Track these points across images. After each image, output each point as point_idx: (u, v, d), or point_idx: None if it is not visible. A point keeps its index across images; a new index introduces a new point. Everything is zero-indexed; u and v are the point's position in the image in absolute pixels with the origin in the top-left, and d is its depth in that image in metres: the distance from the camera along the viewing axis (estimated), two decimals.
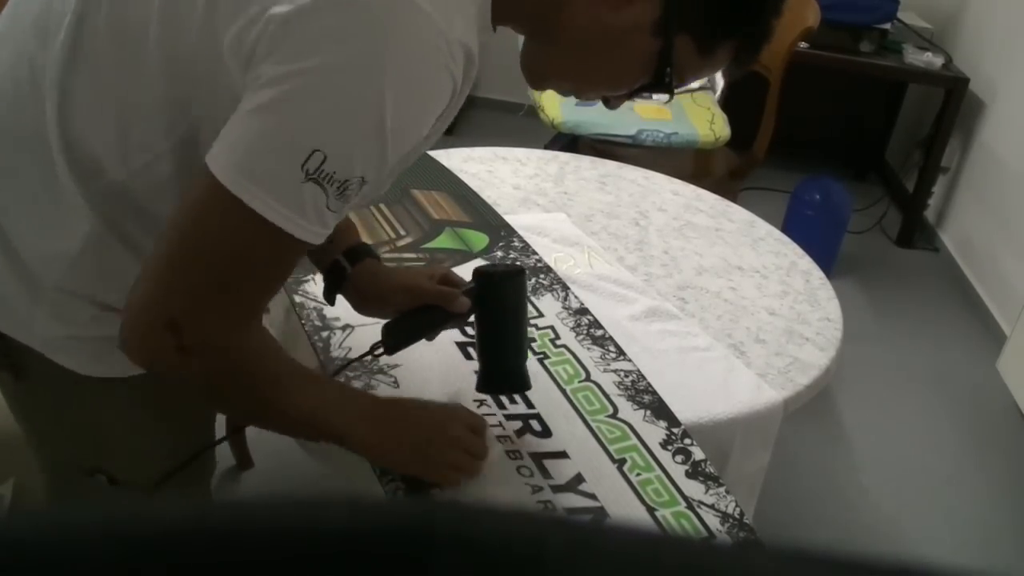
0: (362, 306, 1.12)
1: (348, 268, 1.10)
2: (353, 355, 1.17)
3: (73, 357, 0.92)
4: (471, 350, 1.20)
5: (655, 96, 0.93)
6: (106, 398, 0.95)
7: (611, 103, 0.96)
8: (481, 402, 1.12)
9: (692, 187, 1.90)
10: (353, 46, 0.73)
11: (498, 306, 1.05)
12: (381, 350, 1.06)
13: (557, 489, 1.02)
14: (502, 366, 1.05)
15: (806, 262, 1.65)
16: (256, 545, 0.22)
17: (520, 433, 1.09)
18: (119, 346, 0.79)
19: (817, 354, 1.36)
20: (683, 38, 0.84)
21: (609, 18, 0.83)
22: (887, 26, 3.36)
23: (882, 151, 4.07)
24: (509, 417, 1.11)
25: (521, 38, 0.92)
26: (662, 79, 0.87)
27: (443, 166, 1.76)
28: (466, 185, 1.69)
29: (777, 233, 1.76)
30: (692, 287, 1.50)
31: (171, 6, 0.78)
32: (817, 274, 1.61)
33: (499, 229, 1.56)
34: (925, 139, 3.49)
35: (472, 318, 1.05)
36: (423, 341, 1.09)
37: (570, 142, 2.52)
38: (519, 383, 1.07)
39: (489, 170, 1.82)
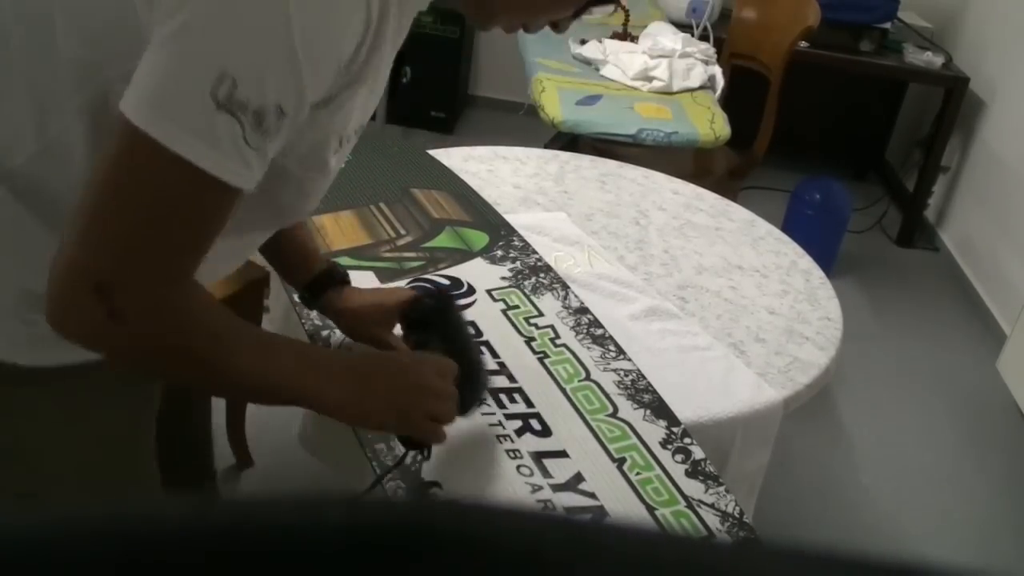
0: (348, 332, 1.17)
1: (312, 300, 1.14)
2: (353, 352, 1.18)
3: None
4: None
5: (598, 10, 0.92)
6: (32, 407, 0.89)
7: (559, 27, 0.93)
8: (480, 401, 1.12)
9: (692, 186, 1.90)
10: None
11: (440, 342, 1.04)
12: (420, 456, 1.02)
13: (557, 488, 1.02)
14: (465, 390, 0.99)
15: (806, 261, 1.65)
16: (256, 543, 0.22)
17: (520, 432, 1.09)
18: (47, 319, 0.74)
19: (817, 353, 1.36)
20: None
21: None
22: (887, 25, 3.36)
23: (882, 150, 4.07)
24: (509, 416, 1.11)
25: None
26: None
27: (443, 165, 1.76)
28: (466, 184, 1.69)
29: (777, 232, 1.76)
30: (692, 286, 1.50)
31: None
32: (817, 273, 1.61)
33: (499, 228, 1.56)
34: (925, 139, 3.49)
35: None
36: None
37: (570, 141, 2.52)
38: (478, 401, 1.05)
39: (489, 169, 1.82)
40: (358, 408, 0.89)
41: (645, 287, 1.46)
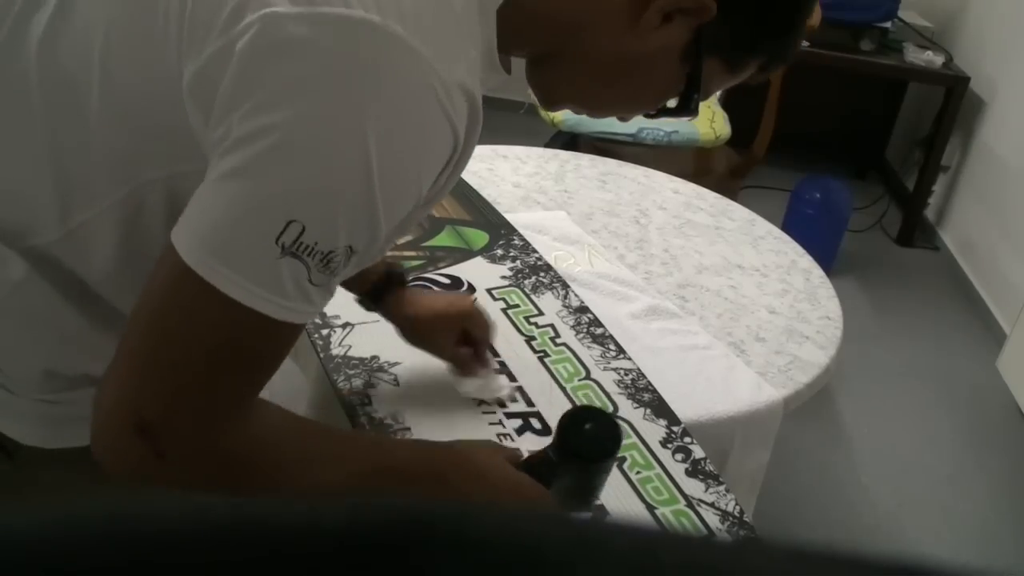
0: (408, 338, 1.14)
1: (401, 279, 1.11)
2: (352, 353, 1.18)
3: (6, 418, 0.80)
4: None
5: (674, 118, 0.88)
6: (53, 489, 0.83)
7: (627, 118, 0.91)
8: (480, 400, 1.12)
9: (692, 185, 1.90)
10: (330, 94, 0.62)
11: (586, 484, 0.88)
12: None
13: None
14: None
15: (806, 261, 1.65)
16: (255, 543, 0.22)
17: (520, 431, 1.09)
18: (95, 456, 0.68)
19: (817, 353, 1.36)
20: (712, 60, 0.78)
21: (635, 44, 0.75)
22: (888, 25, 3.36)
23: (882, 150, 4.07)
24: (509, 415, 1.11)
25: None
26: (688, 102, 0.81)
27: None
28: (466, 183, 1.69)
29: (777, 231, 1.76)
30: (692, 285, 1.50)
31: (116, 50, 0.68)
32: (817, 273, 1.61)
33: (499, 227, 1.56)
34: (925, 138, 3.49)
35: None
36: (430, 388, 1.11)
37: (570, 140, 2.52)
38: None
39: (489, 168, 1.82)
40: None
41: (645, 286, 1.46)
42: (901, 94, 3.90)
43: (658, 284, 1.48)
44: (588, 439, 0.83)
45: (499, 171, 1.82)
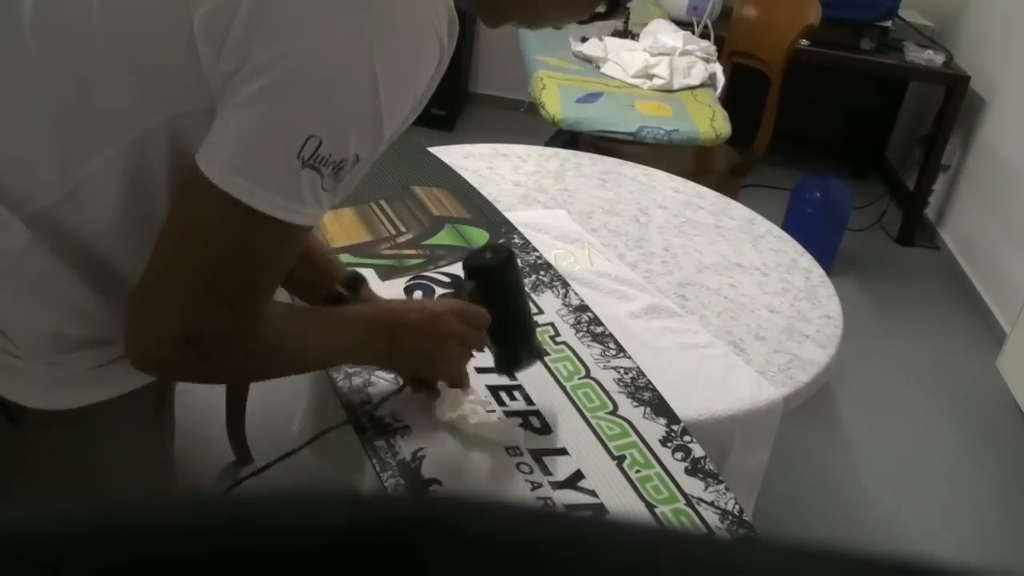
0: None
1: (347, 297, 1.09)
2: None
3: (13, 383, 0.83)
4: None
5: (605, 21, 0.95)
6: (55, 451, 0.87)
7: (559, 27, 0.96)
8: (531, 358, 1.13)
9: (692, 184, 1.90)
10: (338, 21, 0.69)
11: (498, 296, 1.05)
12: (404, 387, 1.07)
13: (557, 486, 1.02)
14: (516, 348, 1.07)
15: (806, 259, 1.65)
16: (256, 539, 0.22)
17: (523, 426, 1.09)
18: (134, 365, 0.77)
19: (817, 351, 1.36)
20: None
21: None
22: (888, 23, 3.36)
23: (883, 149, 4.07)
24: (509, 414, 1.11)
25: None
26: (616, 2, 0.89)
27: (443, 162, 1.76)
28: (466, 182, 1.69)
29: (777, 230, 1.76)
30: (692, 284, 1.50)
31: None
32: (817, 272, 1.61)
33: (499, 226, 1.56)
34: (926, 137, 3.49)
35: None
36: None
37: (570, 139, 2.52)
38: (536, 355, 1.09)
39: (490, 167, 1.82)
40: (390, 365, 1.03)
41: (645, 285, 1.46)
42: (901, 93, 3.90)
43: (658, 283, 1.48)
44: (479, 259, 1.05)
45: (499, 169, 1.82)
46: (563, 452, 1.07)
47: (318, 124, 0.70)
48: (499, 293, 1.05)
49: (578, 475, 1.04)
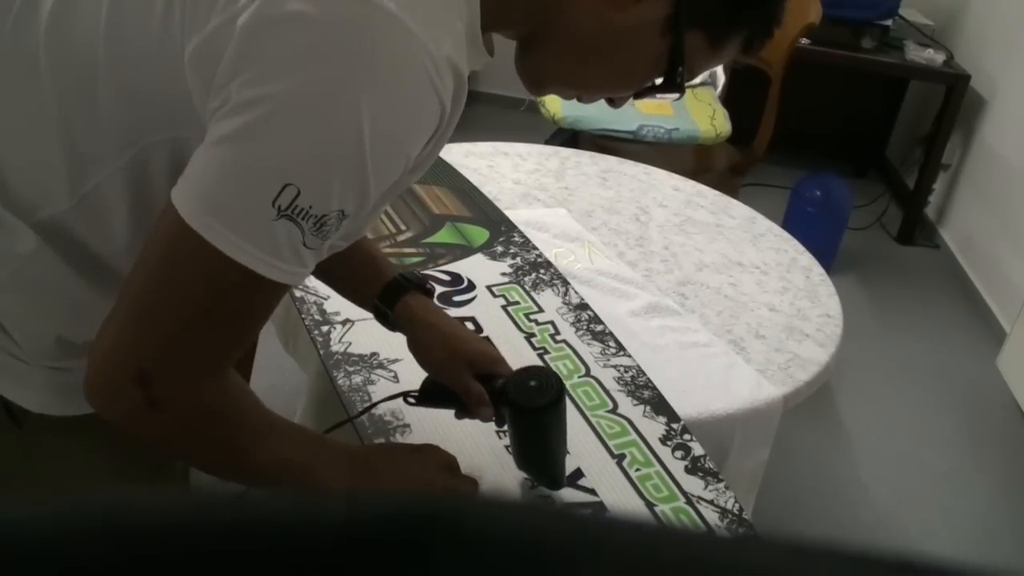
0: (428, 355, 1.03)
1: (389, 313, 1.02)
2: (352, 350, 1.18)
3: (15, 386, 0.83)
4: None
5: (661, 96, 0.88)
6: (58, 455, 0.87)
7: (616, 102, 0.90)
8: None
9: (693, 183, 1.90)
10: (327, 67, 0.65)
11: (539, 435, 0.97)
12: (413, 400, 1.02)
13: None
14: (537, 474, 1.01)
15: (806, 258, 1.65)
16: (256, 537, 0.22)
17: None
18: (86, 398, 0.72)
19: (817, 350, 1.36)
20: (694, 33, 0.79)
21: (616, 18, 0.77)
22: (888, 22, 3.36)
23: (883, 148, 4.07)
24: None
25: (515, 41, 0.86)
26: (673, 78, 0.82)
27: (444, 160, 1.76)
28: (467, 180, 1.69)
29: (777, 229, 1.76)
30: (692, 283, 1.50)
31: (119, 24, 0.72)
32: (817, 270, 1.61)
33: (499, 224, 1.56)
34: (926, 136, 3.49)
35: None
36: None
37: (571, 137, 2.52)
38: (554, 486, 1.02)
39: (490, 165, 1.82)
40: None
41: (645, 283, 1.46)
42: (902, 92, 3.90)
43: (658, 281, 1.48)
44: (527, 391, 0.92)
45: (500, 168, 1.82)
46: None
47: (296, 172, 0.66)
48: (540, 433, 0.96)
49: (578, 473, 1.04)
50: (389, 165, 0.71)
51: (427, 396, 1.00)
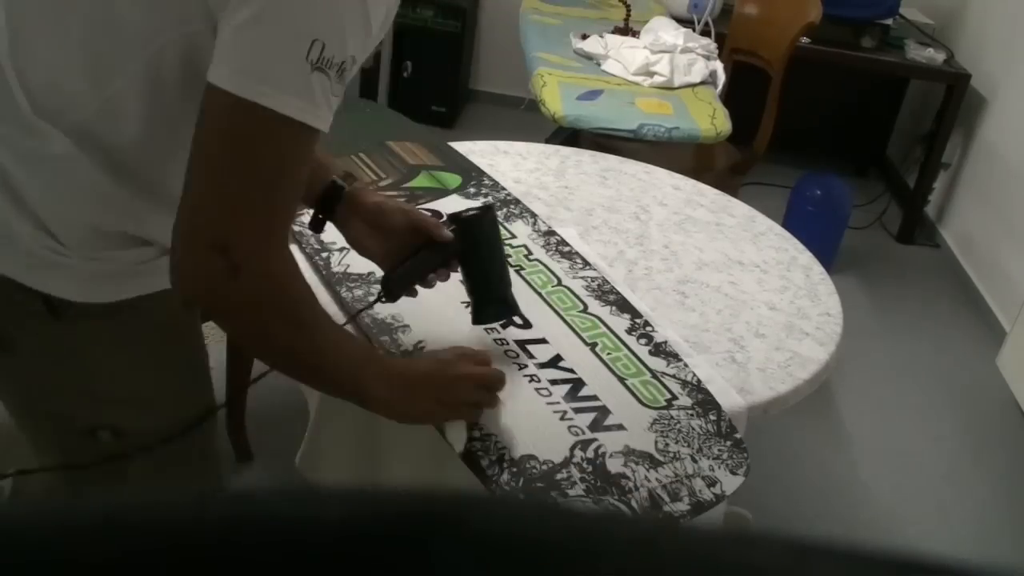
0: (360, 236, 1.13)
1: (344, 186, 1.11)
2: (351, 271, 1.29)
3: (59, 279, 0.92)
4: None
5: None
6: (96, 339, 0.96)
7: None
8: (500, 313, 1.20)
9: (693, 182, 1.90)
10: None
11: (478, 244, 1.12)
12: (383, 299, 1.11)
13: (541, 366, 1.16)
14: (492, 297, 1.14)
15: (806, 257, 1.65)
16: (256, 535, 0.22)
17: (504, 327, 1.22)
18: (171, 282, 0.82)
19: (817, 349, 1.36)
20: None
21: None
22: (889, 21, 3.36)
23: (883, 147, 4.07)
24: (505, 325, 1.23)
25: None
26: None
27: (412, 122, 1.88)
28: (435, 133, 1.80)
29: (778, 228, 1.76)
30: (692, 281, 1.50)
31: None
32: (817, 269, 1.61)
33: (470, 171, 1.68)
34: (926, 135, 3.49)
35: (459, 261, 1.13)
36: (424, 291, 1.15)
37: (571, 136, 2.52)
38: (509, 310, 1.16)
39: (490, 164, 1.82)
40: (400, 409, 0.98)
41: (630, 293, 1.46)
42: (902, 91, 3.90)
43: (658, 280, 1.48)
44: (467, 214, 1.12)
45: (500, 167, 1.82)
46: (543, 341, 1.21)
47: (319, 28, 0.77)
48: (475, 244, 1.12)
49: (557, 358, 1.18)
50: (376, 10, 0.82)
51: (391, 290, 1.11)
